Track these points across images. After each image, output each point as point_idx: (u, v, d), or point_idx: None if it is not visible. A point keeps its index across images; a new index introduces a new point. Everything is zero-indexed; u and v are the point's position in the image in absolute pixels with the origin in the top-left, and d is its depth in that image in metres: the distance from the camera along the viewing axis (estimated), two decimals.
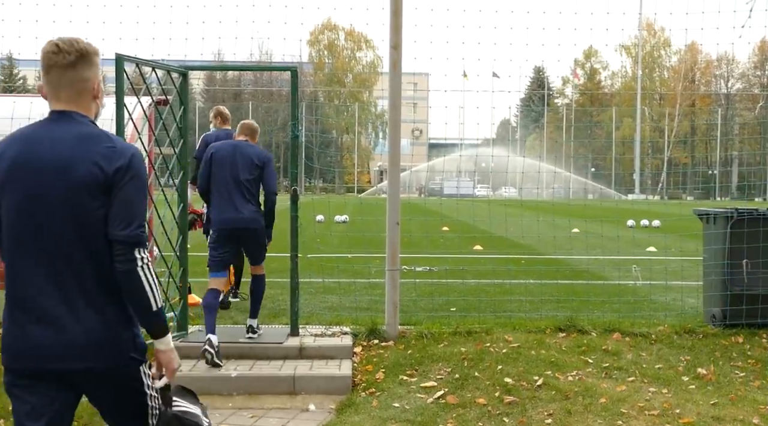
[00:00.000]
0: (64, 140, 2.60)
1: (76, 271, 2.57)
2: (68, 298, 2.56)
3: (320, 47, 75.97)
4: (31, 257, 2.57)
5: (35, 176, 2.56)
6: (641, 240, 15.65)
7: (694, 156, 72.02)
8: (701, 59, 74.76)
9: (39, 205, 2.56)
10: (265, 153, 6.72)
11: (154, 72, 6.55)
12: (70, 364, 2.56)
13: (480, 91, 54.99)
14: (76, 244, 2.56)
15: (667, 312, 8.05)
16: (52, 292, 2.55)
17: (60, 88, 2.67)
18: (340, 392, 5.88)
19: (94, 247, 2.58)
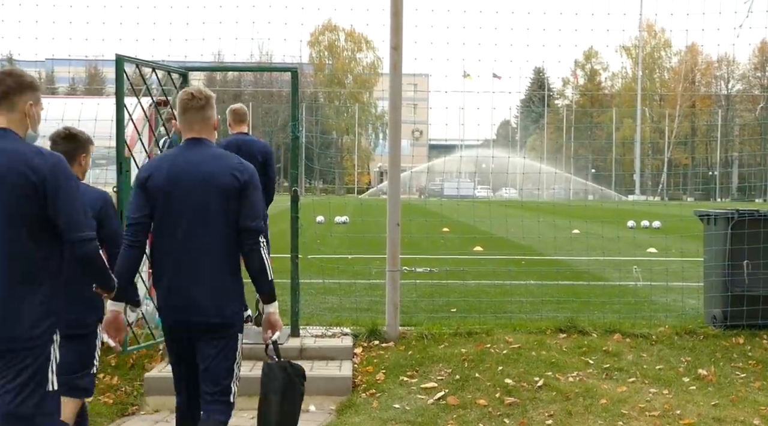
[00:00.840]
0: (204, 158, 3.65)
1: (213, 252, 3.60)
2: (209, 270, 3.60)
3: (320, 48, 75.97)
4: (177, 240, 3.60)
5: (187, 184, 3.58)
6: (642, 241, 15.65)
7: (695, 157, 71.99)
8: (702, 60, 74.74)
9: (189, 205, 3.58)
10: None
11: (154, 73, 6.55)
12: (203, 318, 3.62)
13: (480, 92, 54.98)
14: (213, 234, 3.59)
15: (668, 313, 8.04)
16: (193, 266, 3.60)
17: (194, 123, 3.72)
18: (341, 393, 5.87)
19: (225, 235, 3.61)
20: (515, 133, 77.38)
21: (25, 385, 3.03)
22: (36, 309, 3.04)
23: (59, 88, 63.00)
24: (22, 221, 3.04)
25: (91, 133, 7.13)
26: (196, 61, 9.41)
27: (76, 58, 49.47)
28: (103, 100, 7.66)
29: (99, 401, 5.72)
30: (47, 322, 3.08)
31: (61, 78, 66.81)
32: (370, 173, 70.52)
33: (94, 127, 6.99)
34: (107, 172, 7.57)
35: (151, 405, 5.81)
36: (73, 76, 66.14)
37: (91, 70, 65.78)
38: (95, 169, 8.79)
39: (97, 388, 5.90)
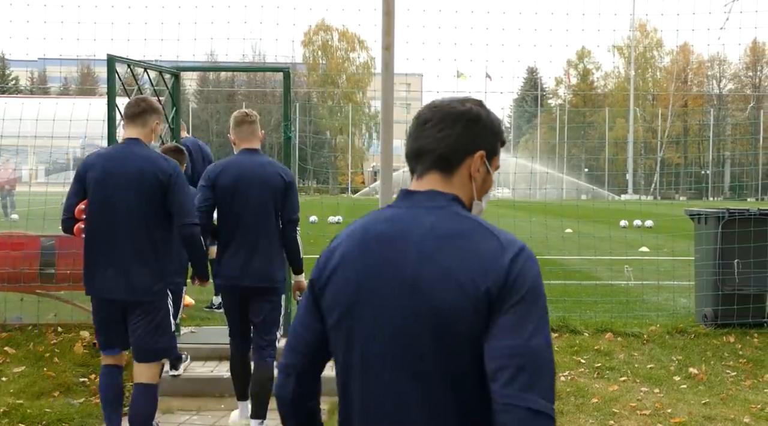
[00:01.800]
0: (259, 164, 4.82)
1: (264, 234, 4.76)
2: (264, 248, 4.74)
3: (314, 48, 75.88)
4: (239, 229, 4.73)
5: (249, 185, 4.73)
6: (634, 240, 15.69)
7: (687, 156, 72.20)
8: (693, 60, 74.99)
9: (250, 200, 4.72)
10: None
11: (146, 73, 6.54)
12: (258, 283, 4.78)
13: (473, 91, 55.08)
14: (266, 222, 4.76)
15: (659, 312, 8.08)
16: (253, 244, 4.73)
17: (248, 135, 4.88)
18: (333, 393, 5.85)
19: (274, 223, 4.82)
20: (508, 133, 77.52)
21: (157, 326, 4.30)
22: (155, 274, 4.22)
23: (51, 88, 62.77)
24: (150, 208, 4.16)
25: (82, 132, 7.17)
26: (188, 61, 9.39)
27: (68, 58, 49.33)
28: (95, 100, 7.64)
29: (90, 402, 5.71)
30: (161, 284, 4.28)
31: (53, 78, 66.57)
32: (364, 173, 70.50)
33: (85, 126, 7.00)
34: None
35: None
36: (65, 75, 65.89)
37: (83, 69, 65.61)
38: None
39: (89, 389, 5.90)
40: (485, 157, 1.78)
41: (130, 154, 4.21)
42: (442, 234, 1.65)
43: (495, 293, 1.57)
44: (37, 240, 7.20)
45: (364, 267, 1.68)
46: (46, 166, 9.70)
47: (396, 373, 1.61)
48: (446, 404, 1.59)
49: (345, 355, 1.71)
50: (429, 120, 1.77)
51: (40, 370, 6.12)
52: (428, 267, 1.61)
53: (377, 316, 1.65)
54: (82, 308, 7.30)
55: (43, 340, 6.66)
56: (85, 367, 6.23)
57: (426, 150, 1.75)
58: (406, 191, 1.78)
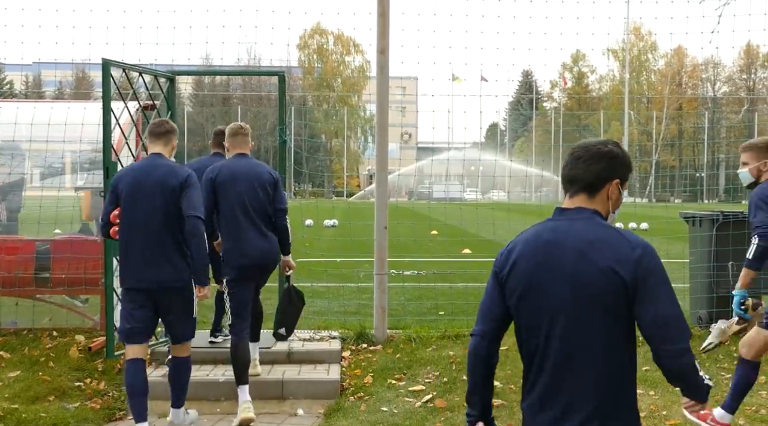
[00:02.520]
0: (249, 165, 5.67)
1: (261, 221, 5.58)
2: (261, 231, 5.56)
3: (309, 52, 75.90)
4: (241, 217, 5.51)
5: (242, 182, 5.53)
6: None
7: (682, 159, 72.38)
8: (688, 63, 75.21)
9: (245, 195, 5.51)
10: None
11: (141, 77, 6.54)
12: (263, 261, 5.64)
13: (468, 95, 55.23)
14: (261, 210, 5.58)
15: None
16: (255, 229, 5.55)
17: (241, 143, 5.75)
18: (329, 397, 5.88)
19: (268, 211, 5.62)
20: (504, 136, 77.60)
21: (184, 312, 5.06)
22: (184, 264, 4.97)
23: (46, 92, 62.65)
24: (171, 209, 4.90)
25: (77, 137, 7.16)
26: (183, 65, 9.40)
27: (63, 62, 49.27)
28: (89, 104, 7.64)
29: (86, 406, 5.70)
30: (186, 274, 4.97)
31: (48, 82, 66.43)
32: (360, 176, 70.49)
33: (80, 131, 7.00)
34: (93, 176, 7.57)
35: None
36: (60, 80, 65.81)
37: (78, 73, 65.49)
38: (82, 173, 8.78)
39: (84, 394, 5.89)
40: (619, 183, 2.56)
41: (154, 165, 5.01)
42: (590, 238, 2.44)
43: (630, 280, 2.36)
44: (31, 244, 7.19)
45: (536, 264, 2.48)
46: (41, 170, 9.69)
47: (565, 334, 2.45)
48: (599, 347, 2.43)
49: (523, 321, 2.56)
50: (581, 157, 2.55)
51: (36, 375, 6.11)
52: (582, 262, 2.41)
53: (546, 298, 2.46)
54: (77, 312, 7.29)
55: (39, 345, 6.64)
56: (80, 372, 6.22)
57: (578, 178, 2.54)
58: (561, 208, 2.57)
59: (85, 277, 6.96)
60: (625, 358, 2.47)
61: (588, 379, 2.42)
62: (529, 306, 2.51)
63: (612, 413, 2.44)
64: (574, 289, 2.40)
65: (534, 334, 2.52)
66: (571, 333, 2.43)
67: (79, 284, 6.99)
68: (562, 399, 2.46)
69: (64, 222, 7.49)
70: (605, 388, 2.43)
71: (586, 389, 2.43)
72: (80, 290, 7.13)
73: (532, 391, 2.56)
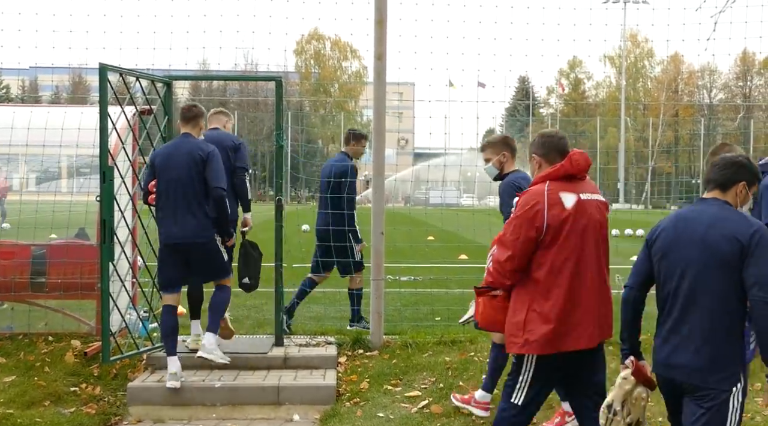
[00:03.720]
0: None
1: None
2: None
3: (306, 57, 75.95)
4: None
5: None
6: (625, 249, 15.71)
7: (678, 165, 72.52)
8: (684, 70, 75.42)
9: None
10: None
11: (138, 82, 6.54)
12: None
13: (465, 101, 55.24)
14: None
15: (650, 321, 8.08)
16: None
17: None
18: (325, 402, 5.87)
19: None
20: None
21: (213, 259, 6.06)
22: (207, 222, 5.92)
23: (43, 97, 62.57)
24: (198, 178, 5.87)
25: (74, 141, 7.14)
26: (181, 70, 9.39)
27: (60, 67, 49.18)
28: (86, 109, 7.63)
29: (81, 411, 5.68)
30: (211, 231, 5.96)
31: (44, 86, 66.37)
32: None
33: (77, 135, 6.99)
34: (90, 180, 7.56)
35: (134, 415, 5.78)
36: (57, 84, 65.70)
37: (74, 78, 65.41)
38: (78, 177, 8.76)
39: (80, 399, 5.88)
40: (746, 185, 3.51)
41: (183, 142, 5.99)
42: (720, 216, 3.40)
43: (746, 245, 3.29)
44: (27, 249, 7.18)
45: (675, 233, 3.47)
46: (37, 174, 9.67)
47: (692, 283, 3.40)
48: (715, 299, 3.36)
49: (662, 274, 3.52)
50: (717, 164, 3.54)
51: (31, 380, 6.09)
52: (711, 231, 3.36)
53: (680, 257, 3.43)
54: (73, 317, 7.27)
55: (34, 350, 6.63)
56: (76, 377, 6.21)
57: (713, 179, 3.54)
58: (700, 198, 3.55)
59: (81, 282, 6.94)
60: (734, 305, 3.34)
61: (705, 317, 3.35)
62: (668, 263, 3.46)
63: (720, 344, 3.35)
64: (702, 250, 3.34)
65: (669, 283, 3.46)
66: (696, 282, 3.36)
67: (75, 289, 6.97)
68: (684, 330, 3.41)
69: (60, 227, 7.47)
70: (719, 324, 3.34)
71: (703, 324, 3.36)
72: (76, 295, 7.11)
73: (663, 327, 3.54)
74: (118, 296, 6.31)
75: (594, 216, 4.01)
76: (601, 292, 4.05)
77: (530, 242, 3.91)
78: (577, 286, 3.93)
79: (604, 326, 4.11)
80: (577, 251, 3.92)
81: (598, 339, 4.07)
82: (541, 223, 3.88)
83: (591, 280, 3.98)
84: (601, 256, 4.06)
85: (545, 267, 3.91)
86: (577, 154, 4.00)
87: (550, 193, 3.91)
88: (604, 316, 4.10)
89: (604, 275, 4.09)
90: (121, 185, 6.30)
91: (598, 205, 4.08)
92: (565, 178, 3.97)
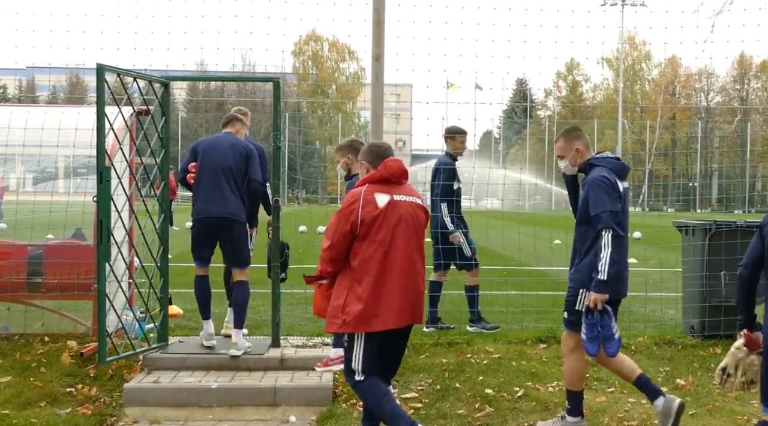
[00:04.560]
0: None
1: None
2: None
3: (304, 58, 75.95)
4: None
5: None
6: None
7: (675, 168, 72.63)
8: (681, 73, 75.54)
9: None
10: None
11: (135, 82, 6.53)
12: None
13: (462, 102, 55.33)
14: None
15: (647, 323, 8.11)
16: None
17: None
18: (321, 403, 5.86)
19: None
20: (498, 144, 77.74)
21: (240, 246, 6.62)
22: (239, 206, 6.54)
23: (40, 97, 62.51)
24: (235, 167, 6.53)
25: (71, 142, 7.13)
26: (178, 70, 9.38)
27: (57, 67, 49.13)
28: (83, 109, 7.62)
29: (77, 412, 5.67)
30: (243, 212, 6.57)
31: (41, 86, 66.35)
32: None
33: (74, 135, 6.98)
34: (87, 181, 7.54)
35: (130, 416, 5.77)
36: (54, 84, 65.67)
37: (72, 78, 65.35)
38: (75, 178, 8.75)
39: (76, 399, 5.86)
40: None
41: (227, 136, 6.77)
42: None
43: None
44: (24, 249, 7.16)
45: None
46: (34, 175, 9.66)
47: None
48: None
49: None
50: None
51: (27, 380, 6.08)
52: None
53: None
54: (69, 318, 7.26)
55: (30, 350, 6.61)
56: (72, 377, 6.19)
57: None
58: None
59: (77, 283, 6.93)
60: None
61: None
62: None
63: None
64: None
65: None
66: None
67: (72, 289, 6.96)
68: None
69: (57, 227, 7.46)
70: None
71: None
72: (72, 295, 7.10)
73: None
74: (115, 297, 6.30)
75: (406, 215, 4.53)
76: (409, 281, 4.52)
77: (345, 235, 4.47)
78: (386, 274, 4.43)
79: (409, 310, 4.54)
80: (386, 244, 4.44)
81: (405, 322, 4.54)
82: (355, 219, 4.45)
83: (399, 270, 4.46)
84: (412, 249, 4.54)
85: (359, 257, 4.46)
86: (390, 161, 4.57)
87: (366, 194, 4.49)
88: (412, 302, 4.55)
89: (415, 266, 4.56)
90: (118, 186, 6.29)
91: (413, 206, 4.60)
92: (381, 181, 4.54)
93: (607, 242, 4.72)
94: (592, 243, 4.86)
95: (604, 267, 4.70)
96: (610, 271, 4.72)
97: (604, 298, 4.75)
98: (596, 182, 4.85)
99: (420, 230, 4.64)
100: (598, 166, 4.98)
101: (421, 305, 4.65)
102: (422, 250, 4.66)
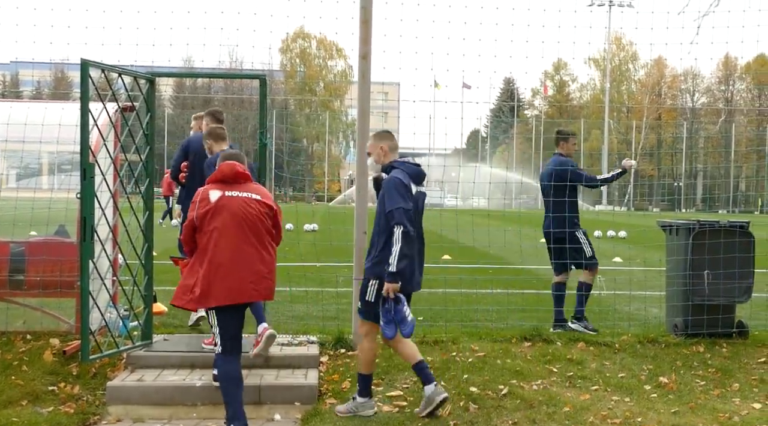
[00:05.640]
0: None
1: None
2: None
3: (292, 55, 75.74)
4: None
5: None
6: (607, 250, 15.82)
7: (660, 168, 73.05)
8: (667, 74, 75.99)
9: None
10: None
11: (120, 78, 6.49)
12: None
13: (449, 101, 55.36)
14: None
15: (631, 322, 8.15)
16: None
17: None
18: (306, 402, 5.85)
19: None
20: (485, 143, 77.90)
21: None
22: None
23: (24, 92, 61.99)
24: None
25: (54, 138, 7.08)
26: (164, 67, 9.33)
27: (41, 62, 48.71)
28: (68, 105, 7.55)
29: (60, 411, 5.63)
30: None
31: (25, 81, 65.77)
32: (341, 181, 70.42)
33: (58, 131, 6.92)
34: (71, 177, 7.48)
35: (113, 414, 5.73)
36: (38, 79, 65.13)
37: (56, 73, 64.85)
38: (60, 174, 8.69)
39: (58, 398, 5.82)
40: None
41: None
42: None
43: None
44: (6, 246, 7.10)
45: None
46: (17, 171, 9.57)
47: None
48: None
49: None
50: None
51: (8, 379, 6.02)
52: None
53: None
54: (52, 315, 7.20)
55: (12, 348, 6.55)
56: (54, 376, 6.14)
57: None
58: None
59: (60, 280, 6.87)
60: None
61: None
62: None
63: None
64: None
65: None
66: None
67: (54, 287, 6.90)
68: None
69: (39, 224, 7.39)
70: None
71: None
72: (55, 293, 7.04)
73: None
74: (98, 294, 6.25)
75: (237, 208, 5.12)
76: (242, 264, 5.08)
77: (188, 226, 5.20)
78: (217, 258, 5.04)
79: (248, 289, 5.10)
80: (217, 234, 5.06)
81: (244, 299, 5.13)
82: (193, 212, 5.15)
83: (231, 254, 5.05)
84: (246, 237, 5.11)
85: (199, 245, 5.15)
86: (223, 165, 5.26)
87: (203, 192, 5.20)
88: (250, 281, 5.10)
89: (247, 251, 5.11)
90: (102, 182, 6.24)
91: (247, 200, 5.19)
92: (218, 182, 5.22)
93: (398, 237, 5.22)
94: (388, 237, 5.31)
95: (395, 260, 5.21)
96: (400, 265, 5.23)
97: (396, 288, 5.25)
98: (392, 183, 5.38)
99: (256, 220, 5.18)
100: (397, 169, 5.49)
101: (266, 284, 5.19)
102: (261, 236, 5.20)
